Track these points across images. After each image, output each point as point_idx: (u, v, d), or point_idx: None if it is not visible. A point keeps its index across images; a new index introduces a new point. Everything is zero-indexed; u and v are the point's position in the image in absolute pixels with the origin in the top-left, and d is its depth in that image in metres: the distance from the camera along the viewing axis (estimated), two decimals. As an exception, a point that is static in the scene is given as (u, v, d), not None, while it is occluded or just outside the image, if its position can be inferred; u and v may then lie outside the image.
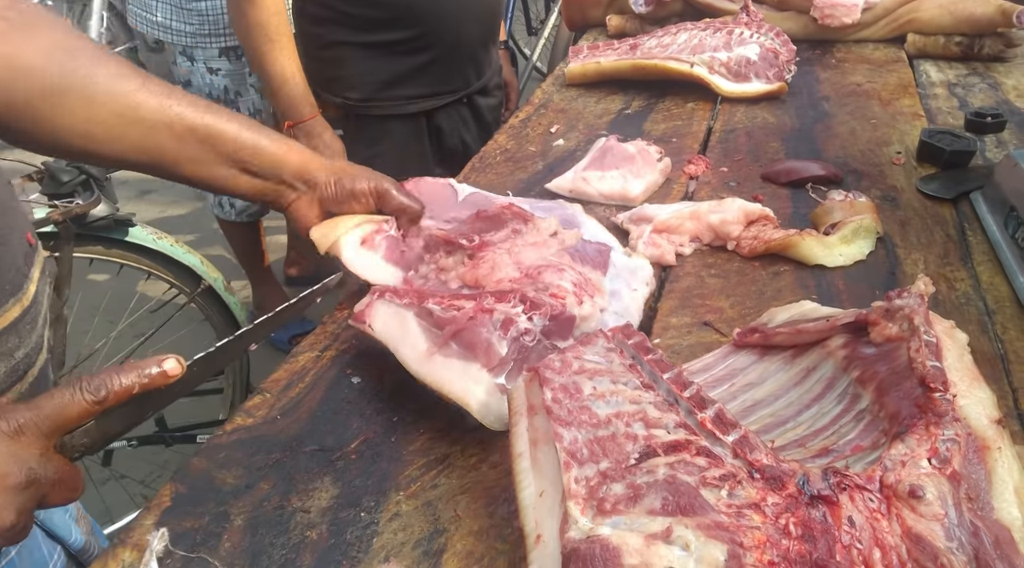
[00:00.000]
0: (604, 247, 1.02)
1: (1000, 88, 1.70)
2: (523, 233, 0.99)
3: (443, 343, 0.83)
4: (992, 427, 0.61)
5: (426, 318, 0.86)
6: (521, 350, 0.82)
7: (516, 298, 0.85)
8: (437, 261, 0.98)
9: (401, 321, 0.87)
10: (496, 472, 0.78)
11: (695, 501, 0.58)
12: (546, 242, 0.98)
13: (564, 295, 0.88)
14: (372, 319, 0.88)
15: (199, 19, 2.15)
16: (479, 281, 0.92)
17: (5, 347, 0.74)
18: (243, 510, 0.74)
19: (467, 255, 0.96)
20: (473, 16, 1.74)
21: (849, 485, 0.59)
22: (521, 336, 0.82)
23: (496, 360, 0.80)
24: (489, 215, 1.03)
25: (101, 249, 1.92)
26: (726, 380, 0.81)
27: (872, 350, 0.72)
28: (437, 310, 0.85)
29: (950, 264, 1.09)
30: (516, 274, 0.92)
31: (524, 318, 0.83)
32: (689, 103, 1.68)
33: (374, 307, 0.89)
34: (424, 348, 0.83)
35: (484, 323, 0.82)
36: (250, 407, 0.87)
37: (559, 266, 0.93)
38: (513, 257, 0.94)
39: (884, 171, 1.35)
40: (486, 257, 0.94)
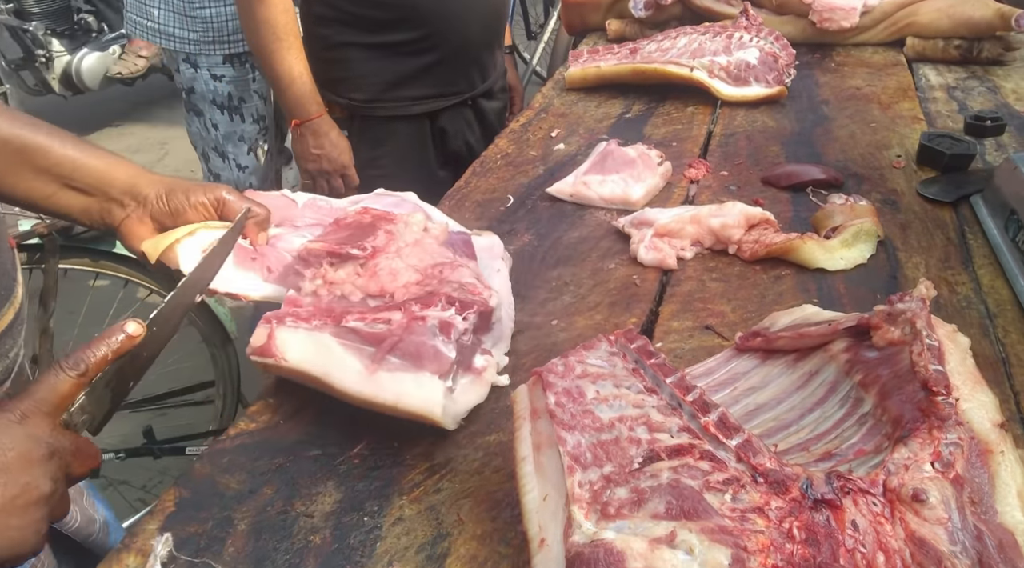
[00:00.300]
0: (465, 234, 1.02)
1: (999, 91, 1.71)
2: (398, 234, 0.95)
3: (380, 358, 0.80)
4: (995, 431, 0.61)
5: (349, 337, 0.83)
6: (462, 350, 0.84)
7: (443, 301, 0.84)
8: (324, 276, 0.91)
9: (320, 346, 0.83)
10: (499, 476, 0.78)
11: (699, 505, 0.58)
12: (423, 239, 0.95)
13: (479, 291, 0.88)
14: (283, 351, 0.82)
15: (203, 26, 2.15)
16: (384, 289, 0.89)
17: (2, 349, 0.77)
18: (247, 515, 0.74)
19: (359, 265, 0.91)
20: (478, 18, 1.74)
21: (853, 489, 0.59)
22: (461, 337, 0.83)
23: (447, 365, 0.81)
24: (349, 222, 0.98)
25: (88, 261, 1.91)
26: (728, 384, 0.81)
27: (874, 354, 0.72)
28: (362, 326, 0.83)
29: (951, 268, 1.09)
30: (417, 276, 0.90)
31: (460, 319, 0.84)
32: (689, 107, 1.69)
33: (279, 337, 0.83)
34: (360, 368, 0.81)
35: (423, 331, 0.81)
36: (253, 412, 0.88)
37: (454, 263, 0.92)
38: (405, 260, 0.92)
39: (884, 175, 1.36)
40: (381, 264, 0.90)
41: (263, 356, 0.83)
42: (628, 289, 1.09)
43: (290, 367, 0.82)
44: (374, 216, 0.98)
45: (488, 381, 0.88)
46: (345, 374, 0.81)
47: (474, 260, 0.99)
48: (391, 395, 0.79)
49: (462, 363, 0.85)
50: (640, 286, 1.09)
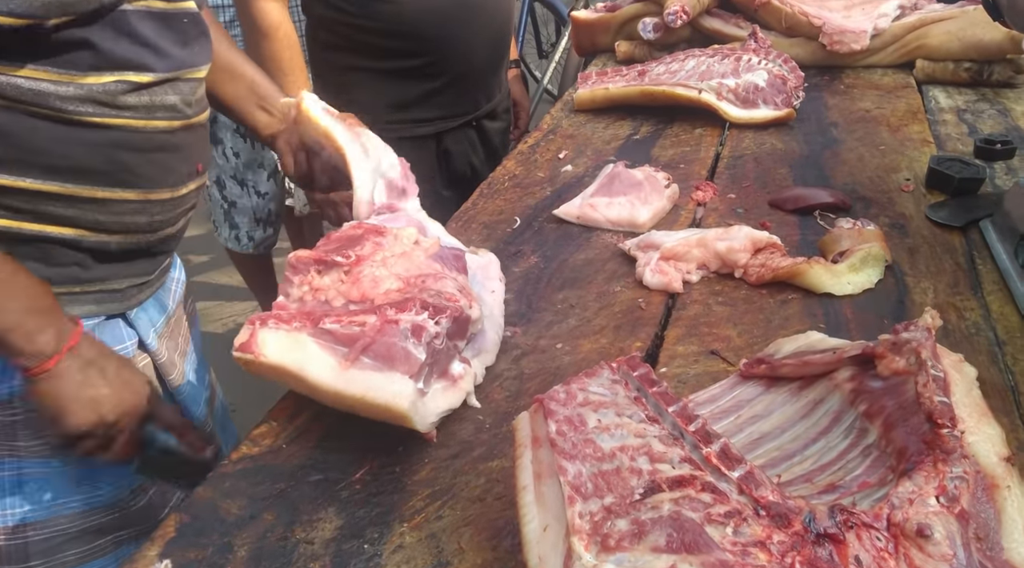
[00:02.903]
0: (459, 250, 1.04)
1: (1010, 114, 1.70)
2: (386, 245, 0.98)
3: (354, 358, 0.83)
4: (1001, 465, 0.61)
5: (325, 338, 0.86)
6: (433, 353, 0.86)
7: (417, 305, 0.87)
8: (310, 282, 0.94)
9: (297, 345, 0.85)
10: (501, 503, 0.78)
11: (700, 539, 0.57)
12: (412, 251, 0.98)
13: (456, 299, 0.91)
14: (263, 348, 0.85)
15: None
16: (366, 295, 0.91)
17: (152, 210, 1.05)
18: (247, 541, 0.74)
19: (344, 272, 0.94)
20: (482, 43, 1.75)
21: (856, 523, 0.58)
22: (433, 340, 0.86)
23: (417, 366, 0.84)
24: (341, 235, 1.01)
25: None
26: (732, 412, 0.81)
27: (879, 383, 0.71)
28: (337, 328, 0.86)
29: (960, 293, 1.08)
30: (399, 284, 0.92)
31: (432, 323, 0.87)
32: (697, 129, 1.69)
33: (260, 336, 0.86)
34: (334, 365, 0.83)
35: (395, 333, 0.85)
36: (256, 436, 0.88)
37: (437, 274, 0.95)
38: (390, 269, 0.94)
39: (893, 198, 1.35)
40: (364, 272, 0.93)
41: (244, 352, 0.85)
42: (633, 312, 1.08)
43: (268, 363, 0.84)
44: (365, 229, 1.01)
45: (464, 389, 0.90)
46: (318, 370, 0.84)
47: (464, 274, 1.01)
48: (360, 389, 0.82)
49: (436, 367, 0.88)
50: (645, 310, 1.09)
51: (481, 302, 0.98)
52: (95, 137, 0.96)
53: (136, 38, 0.97)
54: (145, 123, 1.00)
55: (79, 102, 0.94)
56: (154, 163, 1.03)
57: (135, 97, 0.98)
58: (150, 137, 1.02)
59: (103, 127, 0.96)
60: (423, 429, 0.83)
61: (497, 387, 0.95)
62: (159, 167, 1.04)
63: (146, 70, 0.99)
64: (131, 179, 1.01)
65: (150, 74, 1.00)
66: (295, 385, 0.87)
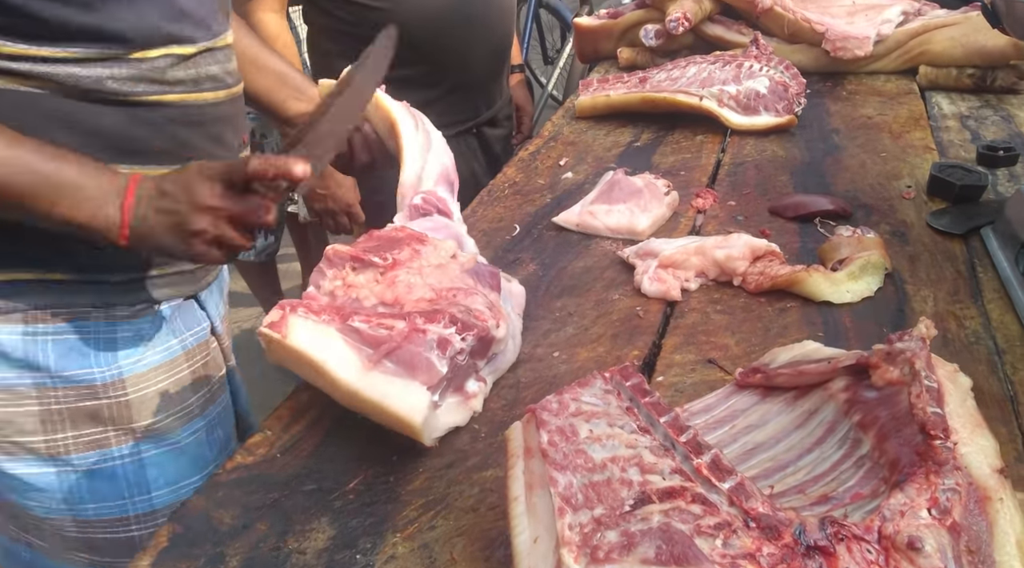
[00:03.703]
0: (495, 270, 1.03)
1: (1013, 121, 1.69)
2: (424, 254, 0.97)
3: (377, 360, 0.83)
4: (994, 477, 0.60)
5: (351, 335, 0.85)
6: (454, 368, 0.86)
7: (446, 318, 0.87)
8: (344, 278, 0.95)
9: (323, 337, 0.85)
10: (494, 513, 0.78)
11: (689, 551, 0.57)
12: (448, 263, 0.98)
13: (486, 318, 0.91)
14: (290, 332, 0.85)
15: None
16: (399, 300, 0.91)
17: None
18: (239, 551, 0.74)
19: (379, 273, 0.94)
20: (482, 51, 1.76)
21: (847, 536, 0.58)
22: (456, 355, 0.86)
23: (437, 379, 0.84)
24: (382, 235, 1.01)
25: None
26: (727, 421, 0.80)
27: (873, 394, 0.71)
28: (365, 328, 0.85)
29: (960, 301, 1.08)
30: (431, 295, 0.92)
31: (458, 338, 0.87)
32: (698, 136, 1.69)
33: (289, 321, 0.86)
34: (357, 364, 0.83)
35: (421, 342, 0.84)
36: (251, 445, 0.88)
37: (470, 289, 0.94)
38: (424, 278, 0.94)
39: (894, 205, 1.35)
40: (399, 277, 0.93)
41: (272, 331, 0.84)
42: (631, 321, 1.08)
43: (292, 347, 0.84)
44: (407, 234, 1.01)
45: (473, 408, 0.90)
46: (340, 365, 0.83)
47: (496, 292, 1.00)
48: (378, 394, 0.81)
49: (453, 382, 0.88)
50: (643, 318, 1.08)
51: (509, 321, 0.98)
52: (153, 116, 1.00)
53: (175, 9, 0.99)
54: (196, 97, 1.03)
55: (133, 82, 0.96)
56: (209, 137, 1.07)
57: (182, 70, 1.01)
58: (202, 110, 1.05)
59: (159, 105, 0.99)
60: (428, 444, 0.83)
61: (493, 396, 0.95)
62: (214, 140, 1.08)
63: (188, 42, 1.01)
64: (191, 155, 1.03)
65: (192, 45, 1.02)
66: (313, 377, 0.87)
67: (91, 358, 1.03)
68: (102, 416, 1.05)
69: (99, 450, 1.06)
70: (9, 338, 1.00)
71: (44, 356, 1.01)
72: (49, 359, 1.01)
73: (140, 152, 1.00)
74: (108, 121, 0.96)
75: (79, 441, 1.04)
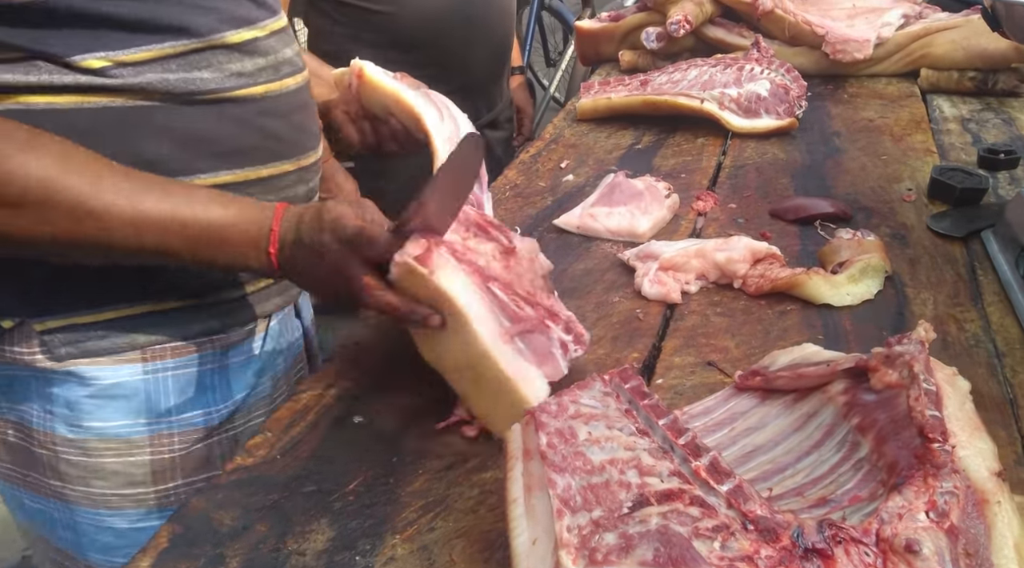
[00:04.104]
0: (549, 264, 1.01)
1: (1014, 124, 1.69)
2: (519, 247, 0.95)
3: (514, 335, 0.83)
4: (992, 480, 0.60)
5: (489, 299, 0.83)
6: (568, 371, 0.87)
7: (563, 324, 0.88)
8: (466, 239, 0.91)
9: (470, 287, 0.82)
10: (494, 515, 0.78)
11: (687, 553, 0.57)
12: (534, 264, 0.96)
13: (585, 336, 0.92)
14: (436, 269, 0.80)
15: None
16: (512, 285, 0.89)
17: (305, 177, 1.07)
18: (239, 552, 0.74)
19: (499, 252, 0.91)
20: (482, 53, 1.76)
21: (844, 538, 0.58)
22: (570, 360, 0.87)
23: (559, 375, 0.84)
24: (473, 220, 0.96)
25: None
26: (726, 424, 0.81)
27: (872, 397, 0.71)
28: (505, 299, 0.84)
29: (960, 304, 1.08)
30: (533, 290, 0.91)
31: (573, 347, 0.88)
32: (699, 138, 1.69)
33: (435, 255, 0.81)
34: (496, 329, 0.81)
35: (551, 337, 0.85)
36: (251, 446, 0.88)
37: (552, 297, 0.94)
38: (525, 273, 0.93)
39: (895, 208, 1.35)
40: (511, 265, 0.91)
41: (420, 264, 0.80)
42: (631, 323, 1.08)
43: (435, 285, 0.80)
44: (499, 225, 0.97)
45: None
46: (482, 324, 0.81)
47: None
48: (511, 368, 0.80)
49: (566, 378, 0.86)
50: (643, 320, 1.09)
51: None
52: (241, 111, 0.95)
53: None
54: (279, 85, 0.99)
55: (221, 77, 0.92)
56: (295, 127, 1.03)
57: (262, 57, 0.97)
58: (287, 99, 1.01)
59: (247, 99, 0.96)
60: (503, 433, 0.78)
61: (493, 398, 0.95)
62: (300, 130, 1.04)
63: (258, 21, 0.97)
64: (283, 149, 1.01)
65: (263, 25, 0.97)
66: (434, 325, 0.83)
67: (208, 395, 1.01)
68: (212, 457, 1.02)
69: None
70: (130, 379, 0.96)
71: (165, 397, 0.98)
72: (170, 400, 0.98)
73: (235, 152, 0.96)
74: (201, 124, 0.92)
75: (189, 489, 1.00)
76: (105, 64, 0.86)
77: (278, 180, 1.01)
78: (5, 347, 0.94)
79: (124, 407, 0.96)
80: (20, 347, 0.93)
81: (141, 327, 0.96)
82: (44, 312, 0.92)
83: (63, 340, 0.93)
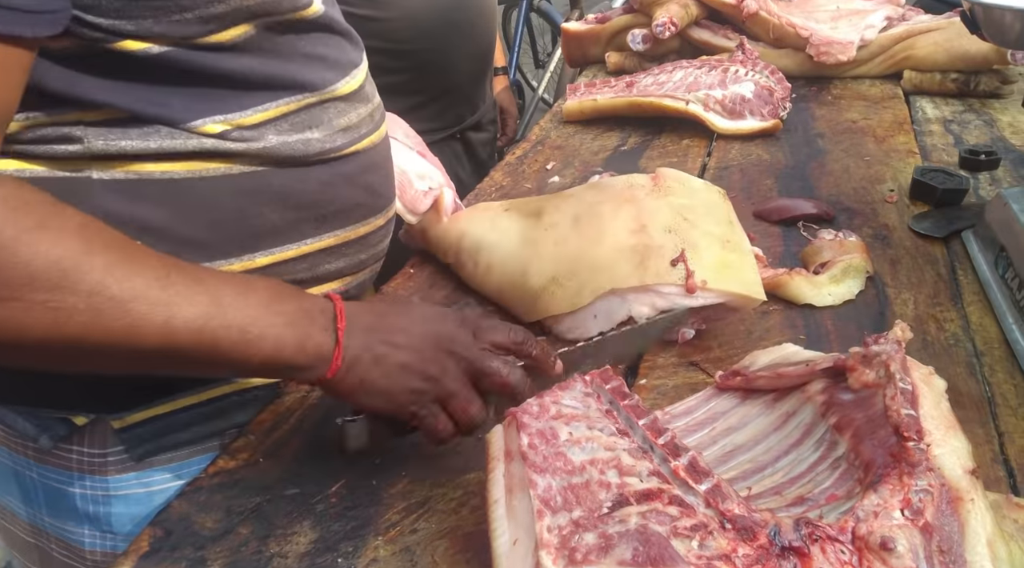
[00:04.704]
0: None
1: (996, 125, 1.71)
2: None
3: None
4: (966, 478, 0.61)
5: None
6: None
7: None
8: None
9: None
10: (476, 516, 0.78)
11: (665, 552, 0.58)
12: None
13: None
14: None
15: None
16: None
17: (388, 229, 1.00)
18: (220, 555, 0.74)
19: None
20: (465, 57, 1.76)
21: (821, 536, 0.58)
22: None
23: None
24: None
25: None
26: (707, 424, 0.81)
27: (850, 396, 0.72)
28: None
29: (940, 304, 1.09)
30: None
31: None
32: (685, 140, 1.70)
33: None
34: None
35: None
36: (234, 449, 0.88)
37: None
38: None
39: (876, 209, 1.36)
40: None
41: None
42: (615, 325, 1.08)
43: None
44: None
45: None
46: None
47: None
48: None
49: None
50: (627, 322, 1.09)
51: None
52: (349, 169, 0.89)
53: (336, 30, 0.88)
54: (379, 134, 0.94)
55: (331, 135, 0.86)
56: (388, 178, 0.98)
57: (363, 106, 0.91)
58: (381, 149, 0.95)
59: (354, 156, 0.89)
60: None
61: (477, 399, 0.95)
62: (389, 181, 0.99)
63: (359, 64, 0.91)
64: (380, 203, 0.95)
65: (361, 68, 0.92)
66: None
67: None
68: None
69: None
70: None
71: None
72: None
73: (341, 212, 0.89)
74: (314, 186, 0.85)
75: None
76: (225, 128, 0.79)
77: (372, 236, 0.95)
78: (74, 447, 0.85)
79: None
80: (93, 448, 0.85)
81: (226, 414, 0.90)
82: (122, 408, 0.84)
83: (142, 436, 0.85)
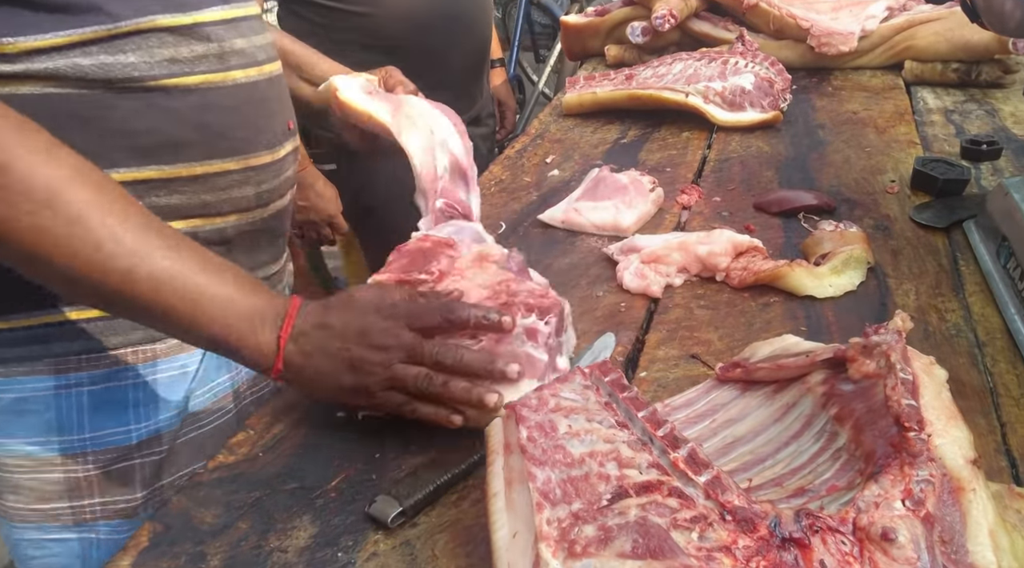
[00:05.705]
0: (520, 258, 1.02)
1: (997, 115, 1.70)
2: (459, 257, 0.98)
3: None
4: (967, 468, 0.60)
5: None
6: (550, 352, 0.87)
7: (522, 309, 0.87)
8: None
9: None
10: (476, 509, 0.78)
11: (665, 544, 0.57)
12: (483, 261, 0.98)
13: (551, 295, 0.92)
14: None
15: None
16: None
17: (256, 178, 1.00)
18: (220, 550, 0.74)
19: (430, 289, 0.93)
20: (462, 52, 1.76)
21: (822, 527, 0.58)
22: (548, 340, 0.87)
23: (541, 368, 0.85)
24: (411, 249, 1.00)
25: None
26: (707, 416, 0.81)
27: (850, 387, 0.71)
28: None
29: (942, 295, 1.08)
30: (486, 292, 0.92)
31: (543, 323, 0.87)
32: (684, 132, 1.69)
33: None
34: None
35: (510, 339, 0.85)
36: (233, 444, 0.88)
37: (515, 279, 0.94)
38: (470, 280, 0.94)
39: (878, 200, 1.35)
40: (448, 287, 0.92)
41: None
42: (615, 317, 1.08)
43: None
44: (434, 242, 1.01)
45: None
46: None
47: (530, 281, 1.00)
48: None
49: (550, 365, 0.88)
50: (627, 313, 1.09)
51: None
52: (173, 103, 0.89)
53: None
54: (223, 76, 0.93)
55: (146, 64, 0.86)
56: (244, 123, 0.96)
57: (201, 44, 0.90)
58: (232, 92, 0.94)
59: (179, 89, 0.89)
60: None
61: (476, 393, 0.95)
62: (250, 127, 0.97)
63: (200, 7, 0.90)
64: (225, 145, 0.94)
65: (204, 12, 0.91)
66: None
67: (129, 412, 0.94)
68: (133, 478, 0.96)
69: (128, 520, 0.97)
70: (38, 394, 0.90)
71: (79, 414, 0.92)
72: (84, 417, 0.92)
73: (163, 147, 0.89)
74: (122, 114, 0.86)
75: (107, 509, 0.96)
76: (15, 49, 0.80)
77: (218, 178, 0.95)
78: None
79: (32, 423, 0.91)
80: None
81: (55, 338, 0.90)
82: None
83: None
